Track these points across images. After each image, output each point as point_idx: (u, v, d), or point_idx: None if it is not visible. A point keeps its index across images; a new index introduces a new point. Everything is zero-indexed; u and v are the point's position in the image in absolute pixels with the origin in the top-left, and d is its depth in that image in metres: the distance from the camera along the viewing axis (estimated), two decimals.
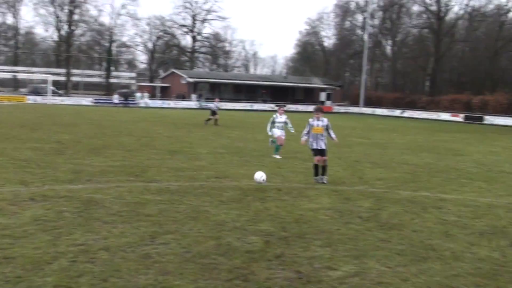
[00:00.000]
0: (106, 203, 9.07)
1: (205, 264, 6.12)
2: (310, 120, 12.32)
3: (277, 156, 16.59)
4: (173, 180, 11.74)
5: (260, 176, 11.32)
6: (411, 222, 8.68)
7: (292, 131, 17.35)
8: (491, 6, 74.09)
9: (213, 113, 32.08)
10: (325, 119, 12.29)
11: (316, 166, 12.19)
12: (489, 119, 54.49)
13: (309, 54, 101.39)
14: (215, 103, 32.97)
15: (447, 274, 6.10)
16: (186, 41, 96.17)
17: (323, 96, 78.29)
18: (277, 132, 17.01)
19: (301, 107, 69.37)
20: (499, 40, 68.56)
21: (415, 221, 8.73)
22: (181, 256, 6.40)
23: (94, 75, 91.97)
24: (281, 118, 17.10)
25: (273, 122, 17.06)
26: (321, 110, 12.50)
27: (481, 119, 55.12)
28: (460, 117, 57.89)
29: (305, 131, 12.46)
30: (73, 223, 7.67)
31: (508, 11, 70.62)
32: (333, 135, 12.49)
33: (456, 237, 7.80)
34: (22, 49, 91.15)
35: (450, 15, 76.37)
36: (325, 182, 12.06)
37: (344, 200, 10.30)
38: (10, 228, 7.27)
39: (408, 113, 64.53)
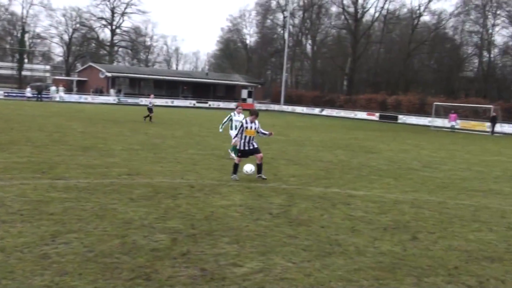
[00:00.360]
0: (6, 202, 8.60)
1: (107, 264, 5.93)
2: (244, 122, 12.45)
3: (234, 156, 14.83)
4: (83, 177, 11.34)
5: (250, 169, 11.89)
6: (320, 218, 8.84)
7: None
8: (404, 10, 77.49)
9: (150, 109, 31.80)
10: (257, 121, 12.61)
11: (236, 165, 12.28)
12: (402, 118, 56.81)
13: (231, 51, 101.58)
14: (149, 99, 32.65)
15: (349, 269, 6.25)
16: (105, 34, 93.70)
17: (244, 93, 78.62)
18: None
19: (222, 104, 69.42)
20: (411, 42, 71.77)
21: (323, 217, 8.90)
22: (82, 255, 6.16)
23: (5, 67, 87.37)
24: (239, 117, 15.82)
25: (231, 121, 16.02)
26: (257, 114, 12.72)
27: (395, 118, 57.37)
28: (375, 116, 59.96)
29: (238, 132, 12.57)
30: None
31: (420, 15, 74.06)
32: (264, 131, 12.86)
33: (361, 232, 8.02)
34: None
35: (367, 17, 79.05)
36: (264, 177, 12.34)
37: (257, 196, 10.35)
38: None
39: (327, 112, 66.12)
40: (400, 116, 57.32)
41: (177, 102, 67.31)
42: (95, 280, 5.42)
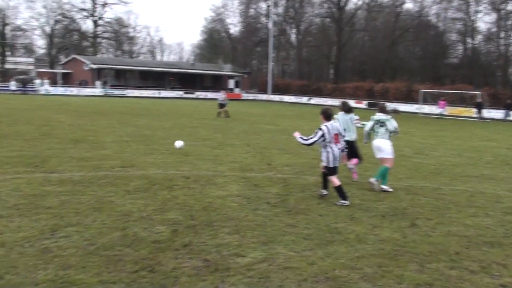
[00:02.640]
0: (1, 196, 8.50)
1: (110, 256, 5.89)
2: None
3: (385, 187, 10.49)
4: (76, 170, 11.24)
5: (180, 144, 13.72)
6: (317, 206, 8.85)
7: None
8: None
9: (221, 105, 31.57)
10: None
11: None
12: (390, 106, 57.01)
13: (215, 41, 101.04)
14: (220, 94, 32.40)
15: (351, 256, 6.26)
16: (87, 25, 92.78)
17: (231, 83, 78.42)
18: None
19: (210, 94, 69.18)
20: (395, 30, 71.92)
21: (321, 206, 8.91)
22: (83, 249, 6.12)
23: None
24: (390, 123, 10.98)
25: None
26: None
27: None
28: (363, 104, 60.09)
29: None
30: None
31: (403, 2, 74.17)
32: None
33: (360, 220, 8.04)
34: None
35: (350, 5, 79.01)
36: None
37: (253, 186, 10.33)
38: None
39: (315, 100, 66.17)
40: (388, 104, 57.51)
41: (164, 93, 67.00)
42: (99, 273, 5.38)
